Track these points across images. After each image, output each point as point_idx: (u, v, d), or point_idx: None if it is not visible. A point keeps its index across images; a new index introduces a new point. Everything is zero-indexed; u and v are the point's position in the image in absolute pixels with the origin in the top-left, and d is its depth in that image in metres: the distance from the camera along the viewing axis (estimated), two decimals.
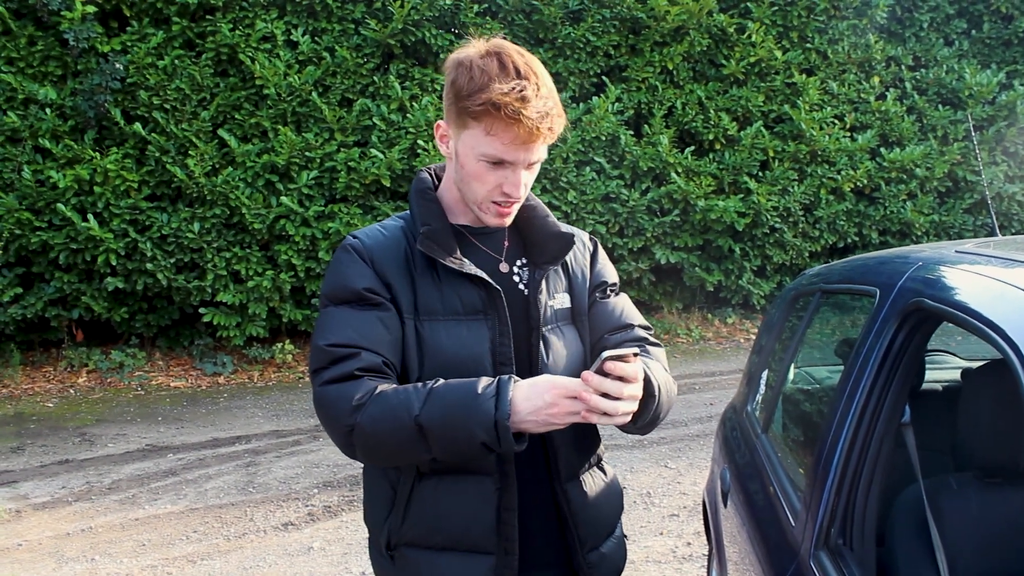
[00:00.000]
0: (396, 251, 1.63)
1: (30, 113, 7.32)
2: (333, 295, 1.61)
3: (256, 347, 8.18)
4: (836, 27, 9.41)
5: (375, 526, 1.72)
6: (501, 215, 1.62)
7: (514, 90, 1.49)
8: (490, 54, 1.55)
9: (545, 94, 1.53)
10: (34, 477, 5.51)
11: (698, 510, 4.79)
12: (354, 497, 5.10)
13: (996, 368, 1.83)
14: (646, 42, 8.92)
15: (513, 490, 1.60)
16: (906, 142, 9.58)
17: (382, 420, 1.46)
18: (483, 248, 1.68)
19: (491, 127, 1.51)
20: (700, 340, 9.30)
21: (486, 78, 1.51)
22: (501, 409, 1.41)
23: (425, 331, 1.59)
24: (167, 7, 7.60)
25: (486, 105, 1.49)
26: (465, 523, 1.59)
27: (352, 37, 8.03)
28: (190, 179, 7.51)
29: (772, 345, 3.00)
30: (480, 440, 1.42)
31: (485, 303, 1.61)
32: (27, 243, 7.31)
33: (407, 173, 7.98)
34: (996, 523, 1.76)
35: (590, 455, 1.76)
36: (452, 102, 1.57)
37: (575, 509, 1.68)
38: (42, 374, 7.78)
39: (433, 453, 1.47)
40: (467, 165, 1.58)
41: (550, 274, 1.70)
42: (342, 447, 1.55)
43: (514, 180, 1.57)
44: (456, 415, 1.43)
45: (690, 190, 8.79)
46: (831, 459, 1.77)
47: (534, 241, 1.72)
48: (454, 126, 1.59)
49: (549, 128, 1.53)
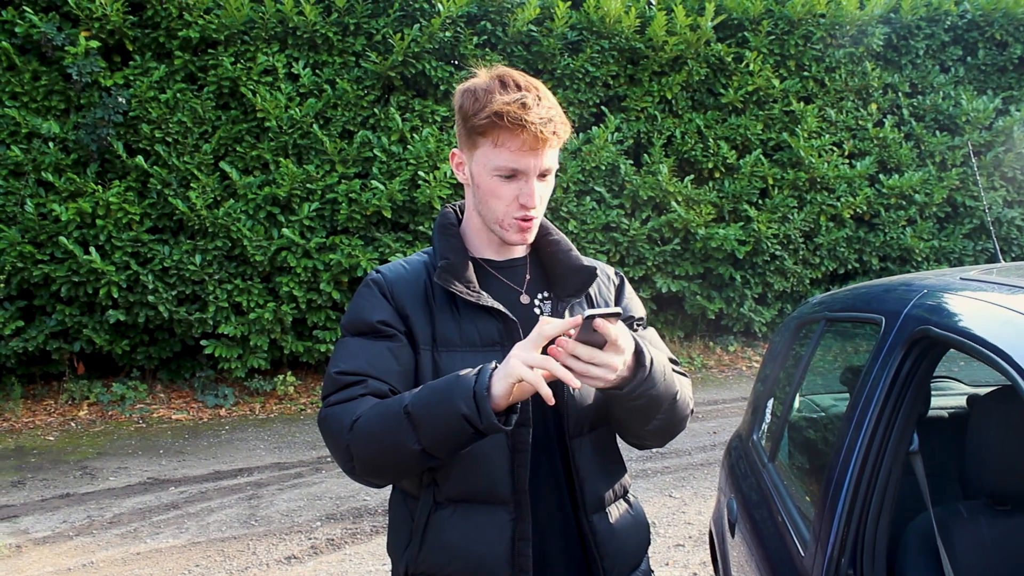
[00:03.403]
0: (415, 284, 1.67)
1: (33, 147, 7.36)
2: (350, 326, 1.66)
3: (258, 379, 8.17)
4: (833, 55, 9.48)
5: (396, 556, 1.72)
6: (523, 230, 1.64)
7: (515, 100, 1.54)
8: (493, 78, 1.62)
9: (546, 103, 1.58)
10: (35, 511, 5.47)
11: (703, 540, 4.76)
12: (357, 530, 5.06)
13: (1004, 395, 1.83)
14: (645, 72, 8.98)
15: (528, 520, 1.59)
16: (904, 168, 9.62)
17: (375, 418, 1.50)
18: (503, 280, 1.71)
19: (498, 138, 1.56)
20: (702, 368, 9.28)
21: (489, 96, 1.57)
22: (480, 381, 1.42)
23: (442, 360, 1.61)
24: (169, 41, 7.67)
25: (490, 117, 1.54)
26: (479, 553, 1.58)
27: (353, 69, 8.09)
28: (192, 211, 7.54)
29: (777, 374, 2.99)
30: (461, 412, 1.41)
31: (502, 335, 1.62)
32: (29, 276, 7.31)
33: (408, 204, 8.01)
34: (1008, 551, 1.75)
35: (616, 485, 1.75)
36: (461, 126, 1.63)
37: (600, 541, 1.67)
38: (43, 407, 7.75)
39: (421, 442, 1.46)
40: (482, 184, 1.62)
41: (574, 306, 1.71)
42: (343, 463, 1.57)
43: (528, 190, 1.60)
44: (440, 393, 1.45)
45: (690, 218, 8.81)
46: (840, 488, 1.76)
47: (557, 274, 1.74)
48: (466, 149, 1.64)
49: (554, 132, 1.57)
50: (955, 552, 1.71)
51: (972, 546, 1.73)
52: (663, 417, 1.61)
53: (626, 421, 1.63)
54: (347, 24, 8.00)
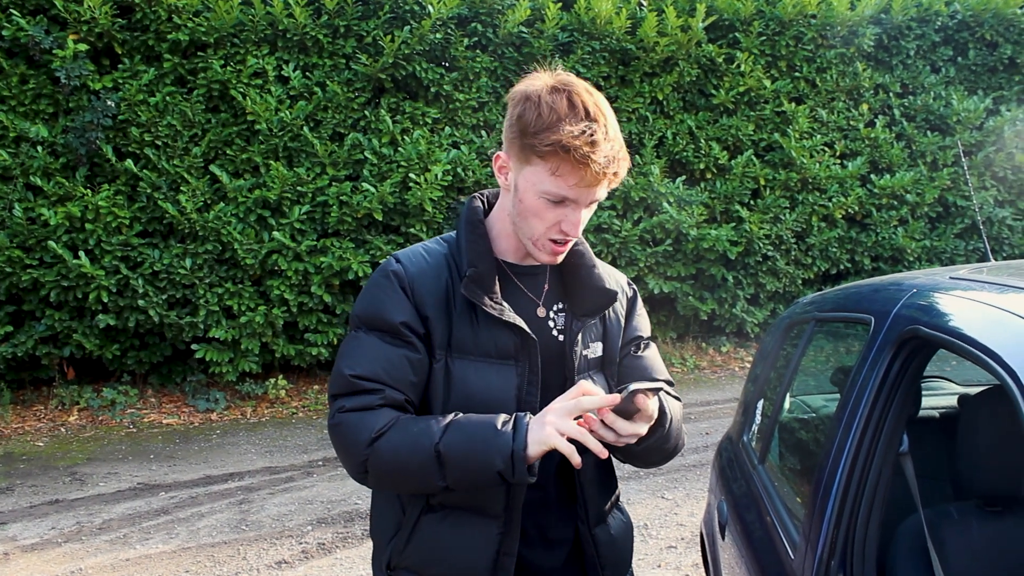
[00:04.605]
0: (437, 283, 1.61)
1: (21, 151, 7.31)
2: (368, 320, 1.60)
3: (249, 383, 8.13)
4: (824, 56, 9.49)
5: (379, 543, 1.71)
6: (555, 253, 1.61)
7: (584, 133, 1.46)
8: (558, 91, 1.52)
9: (612, 136, 1.51)
10: (23, 518, 5.43)
11: (695, 541, 4.74)
12: (348, 534, 5.04)
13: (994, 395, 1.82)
14: (636, 73, 8.98)
15: (515, 536, 1.59)
16: (896, 168, 9.64)
17: (402, 447, 1.47)
18: (523, 289, 1.67)
19: (558, 168, 1.49)
20: (695, 369, 9.27)
21: (555, 117, 1.48)
22: (518, 440, 1.43)
23: (455, 367, 1.58)
24: (158, 44, 7.63)
25: (555, 146, 1.47)
26: (464, 561, 1.58)
27: (343, 72, 8.06)
28: (182, 215, 7.50)
29: (767, 374, 2.98)
30: (497, 469, 1.43)
31: (518, 349, 1.60)
32: (18, 281, 7.27)
33: (399, 207, 7.98)
34: (998, 552, 1.74)
35: (612, 496, 1.77)
36: (517, 136, 1.54)
37: (603, 552, 1.69)
38: (32, 413, 7.71)
39: (447, 481, 1.47)
40: (526, 200, 1.56)
41: (588, 325, 1.69)
42: (355, 473, 1.55)
43: (574, 219, 1.55)
44: (477, 444, 1.44)
45: (682, 219, 8.80)
46: (830, 490, 1.75)
47: (576, 290, 1.71)
48: (516, 159, 1.56)
49: (615, 173, 1.52)
50: (946, 554, 1.70)
51: (963, 548, 1.72)
52: (663, 456, 1.68)
53: (626, 456, 1.66)
54: (337, 26, 7.98)
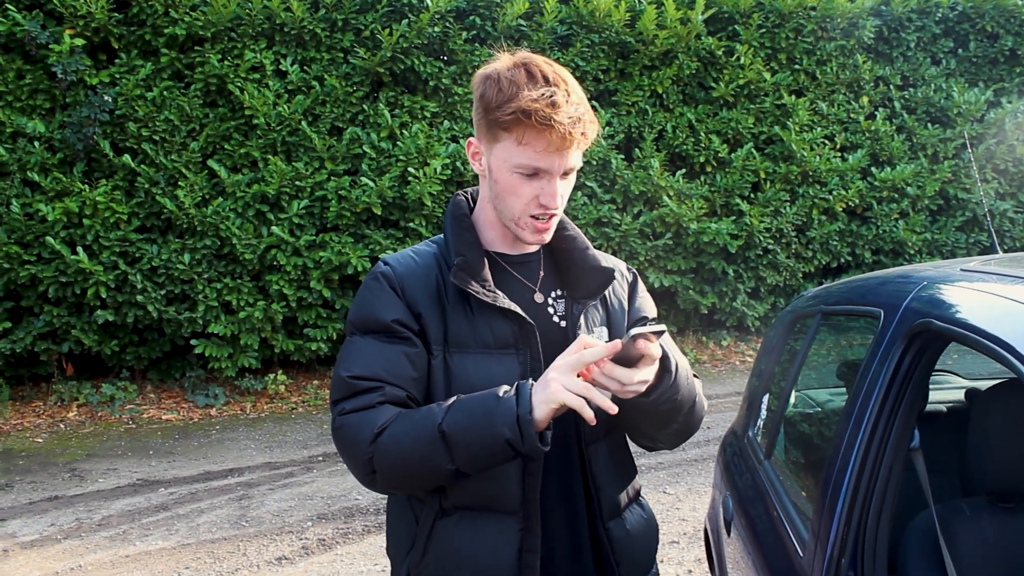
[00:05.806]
0: (427, 280, 1.58)
1: (18, 146, 7.27)
2: (361, 324, 1.57)
3: (248, 378, 8.10)
4: (824, 48, 9.45)
5: (396, 560, 1.66)
6: (539, 231, 1.57)
7: (544, 96, 1.45)
8: (517, 65, 1.52)
9: (576, 100, 1.49)
10: (22, 515, 5.41)
11: (698, 536, 4.72)
12: (348, 530, 5.02)
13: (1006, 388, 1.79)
14: (635, 66, 8.94)
15: (537, 531, 1.54)
16: (897, 161, 9.60)
17: (405, 436, 1.43)
18: (518, 277, 1.64)
19: (523, 136, 1.47)
20: (695, 363, 9.25)
21: (515, 88, 1.48)
22: (522, 404, 1.38)
23: (453, 362, 1.54)
24: (155, 39, 7.59)
25: (516, 113, 1.45)
26: (485, 563, 1.53)
27: (341, 66, 8.02)
28: (180, 210, 7.47)
29: (772, 369, 2.95)
30: (505, 437, 1.38)
31: (517, 337, 1.56)
32: (16, 277, 7.23)
33: (398, 201, 7.95)
34: (1011, 549, 1.71)
35: (630, 489, 1.71)
36: (482, 116, 1.53)
37: (618, 548, 1.63)
38: (31, 409, 7.68)
39: (457, 463, 1.42)
40: (501, 179, 1.54)
41: (589, 308, 1.65)
42: (362, 475, 1.50)
43: (550, 190, 1.52)
44: (480, 417, 1.40)
45: (682, 213, 8.77)
46: (840, 486, 1.72)
47: (572, 273, 1.67)
48: (485, 141, 1.55)
49: (582, 133, 1.49)
50: (958, 551, 1.67)
51: (975, 545, 1.69)
52: (683, 420, 1.59)
53: (644, 425, 1.60)
54: (335, 20, 7.93)
